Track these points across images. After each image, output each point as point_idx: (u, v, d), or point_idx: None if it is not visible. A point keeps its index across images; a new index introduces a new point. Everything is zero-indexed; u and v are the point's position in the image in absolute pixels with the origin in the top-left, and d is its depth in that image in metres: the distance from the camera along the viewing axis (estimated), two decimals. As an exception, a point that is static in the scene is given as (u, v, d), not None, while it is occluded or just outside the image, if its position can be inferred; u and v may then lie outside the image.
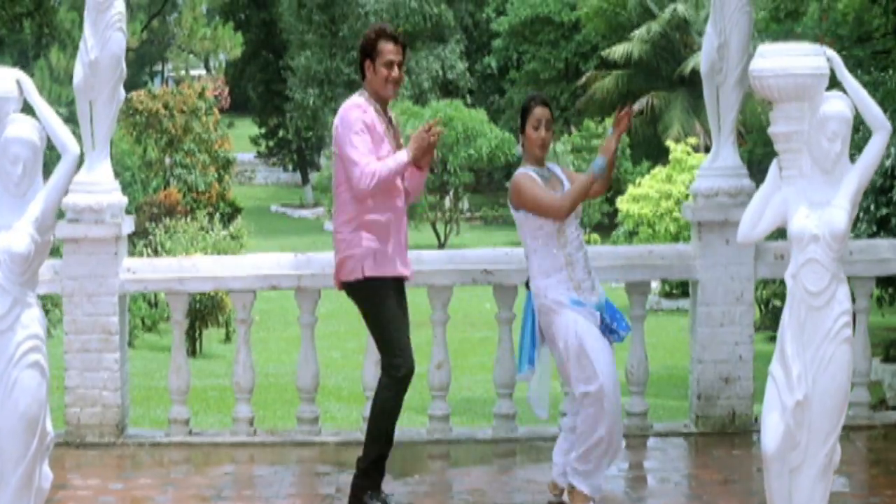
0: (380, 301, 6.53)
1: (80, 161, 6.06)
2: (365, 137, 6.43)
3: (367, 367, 7.93)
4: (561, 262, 6.53)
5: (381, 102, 6.63)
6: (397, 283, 6.62)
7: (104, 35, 7.84)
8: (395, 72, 6.59)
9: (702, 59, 8.00)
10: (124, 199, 8.08)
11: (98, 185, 7.95)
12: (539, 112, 6.62)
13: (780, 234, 5.81)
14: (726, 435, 8.01)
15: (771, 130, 5.39)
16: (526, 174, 6.61)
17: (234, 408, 8.17)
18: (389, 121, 6.67)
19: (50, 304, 13.72)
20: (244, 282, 7.94)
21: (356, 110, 6.50)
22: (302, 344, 8.06)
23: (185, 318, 8.08)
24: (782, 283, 5.65)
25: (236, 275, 7.93)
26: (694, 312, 8.12)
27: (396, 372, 6.48)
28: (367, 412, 7.78)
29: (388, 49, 6.58)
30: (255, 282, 7.94)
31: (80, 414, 7.97)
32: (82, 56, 7.88)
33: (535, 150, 6.65)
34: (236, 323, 8.18)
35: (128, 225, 8.04)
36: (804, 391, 5.17)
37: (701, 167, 8.15)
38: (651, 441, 8.06)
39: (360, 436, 7.92)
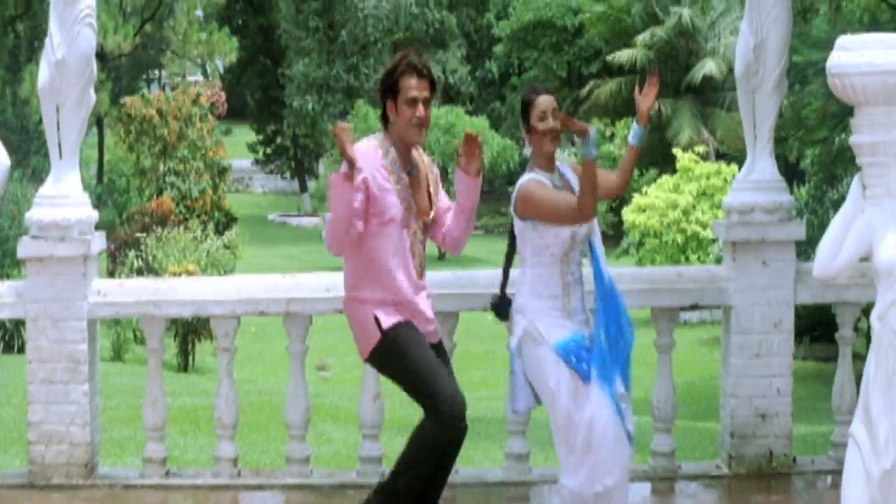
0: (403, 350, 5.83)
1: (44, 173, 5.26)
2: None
3: (364, 401, 7.14)
4: (557, 289, 5.79)
5: (406, 147, 5.82)
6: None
7: (72, 31, 7.04)
8: (421, 111, 5.75)
9: (736, 61, 7.20)
10: (94, 214, 7.27)
11: (65, 199, 7.15)
12: (544, 101, 5.82)
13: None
14: (763, 477, 7.19)
15: (853, 140, 4.54)
16: (535, 180, 5.81)
17: (217, 445, 7.35)
18: (410, 170, 5.84)
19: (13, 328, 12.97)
20: (226, 306, 7.12)
21: (362, 151, 5.73)
22: (291, 376, 7.23)
23: (162, 345, 7.26)
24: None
25: (218, 298, 7.12)
26: (727, 342, 7.32)
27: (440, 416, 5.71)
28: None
29: (410, 85, 5.74)
30: (238, 306, 7.12)
31: (45, 452, 7.15)
32: (48, 55, 7.09)
33: (546, 144, 5.82)
34: (217, 352, 7.35)
35: (98, 242, 7.24)
36: (893, 458, 4.34)
37: (735, 180, 7.33)
38: (680, 485, 7.25)
39: (357, 478, 7.18)
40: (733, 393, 7.21)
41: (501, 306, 6.13)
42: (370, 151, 5.74)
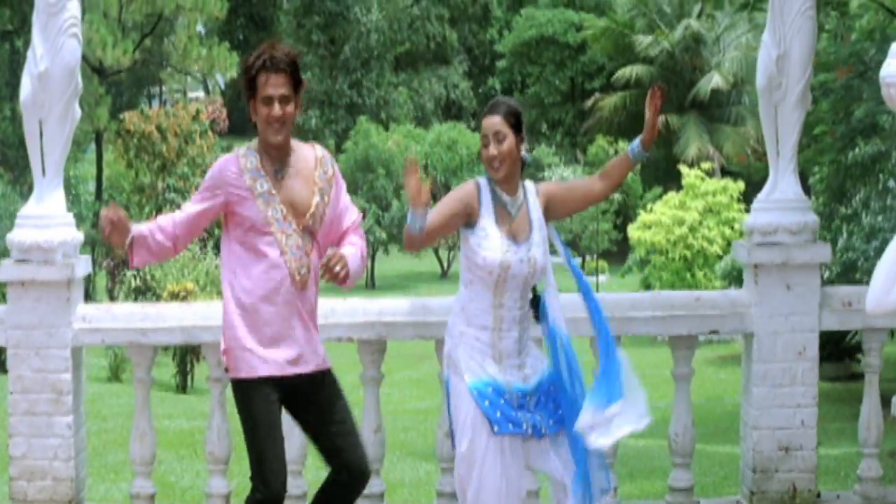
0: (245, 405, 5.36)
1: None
2: (201, 195, 5.38)
3: (365, 435, 6.73)
4: (487, 322, 5.28)
5: (274, 148, 5.36)
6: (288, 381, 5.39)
7: (56, 42, 6.64)
8: (276, 109, 5.28)
9: (758, 73, 6.79)
10: (79, 236, 6.87)
11: (49, 219, 6.74)
12: (486, 125, 5.33)
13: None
14: (786, 514, 6.80)
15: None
16: (468, 184, 5.37)
17: (208, 482, 6.93)
18: (277, 171, 5.37)
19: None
20: (218, 333, 6.61)
21: (221, 163, 5.39)
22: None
23: (150, 375, 6.85)
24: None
25: (209, 325, 6.67)
26: (748, 370, 6.91)
27: (253, 494, 5.28)
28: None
29: (263, 82, 5.28)
30: (231, 334, 6.70)
31: (28, 488, 6.73)
32: (30, 67, 6.70)
33: (490, 171, 5.32)
34: (209, 381, 6.92)
35: (83, 266, 6.83)
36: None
37: (757, 199, 6.91)
38: (699, 523, 6.85)
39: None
40: (755, 425, 6.81)
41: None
42: (225, 163, 5.37)
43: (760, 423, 6.79)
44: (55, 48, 6.64)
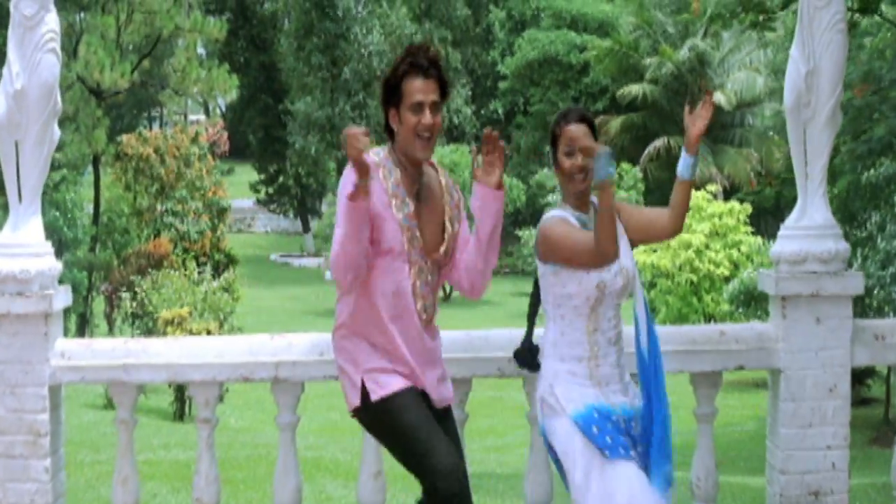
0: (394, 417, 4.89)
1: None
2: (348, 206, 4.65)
3: (363, 480, 6.25)
4: (583, 351, 4.95)
5: (413, 165, 4.86)
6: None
7: (32, 59, 6.19)
8: (428, 117, 4.77)
9: (785, 90, 6.33)
10: (57, 266, 6.40)
11: (25, 248, 6.27)
12: (573, 131, 4.94)
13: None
14: (816, 564, 6.32)
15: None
16: (558, 217, 4.97)
17: (196, 529, 6.46)
18: (418, 193, 4.86)
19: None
20: (206, 371, 6.23)
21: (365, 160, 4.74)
22: (280, 450, 6.32)
23: (133, 416, 6.38)
24: None
25: (196, 362, 6.22)
26: (774, 410, 6.43)
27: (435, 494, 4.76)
28: None
29: (414, 87, 4.76)
30: (220, 371, 6.23)
31: (2, 536, 6.29)
32: (5, 86, 6.24)
33: (571, 184, 4.98)
34: (197, 422, 6.44)
35: (62, 298, 6.36)
36: None
37: (784, 226, 6.45)
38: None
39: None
40: (783, 469, 6.33)
41: (527, 355, 5.37)
42: (377, 162, 4.83)
43: (788, 466, 6.32)
44: (32, 65, 6.20)
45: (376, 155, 4.82)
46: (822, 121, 6.29)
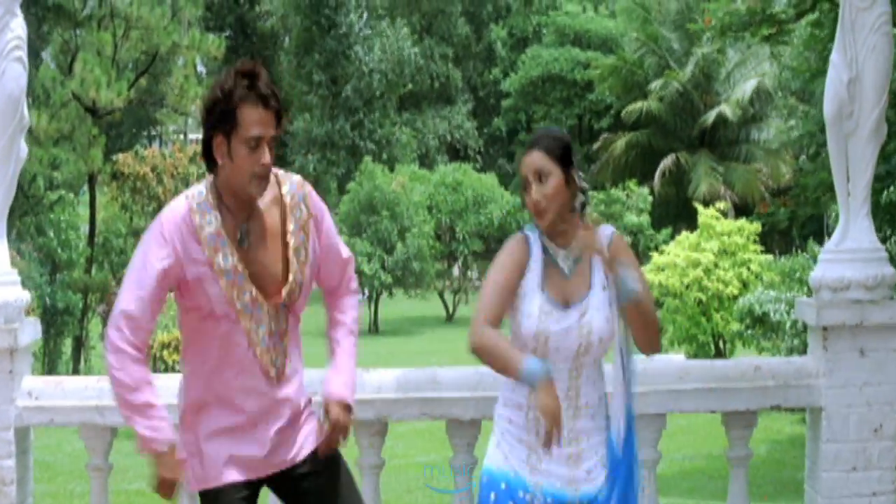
0: None
1: None
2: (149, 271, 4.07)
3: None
4: (523, 398, 4.10)
5: (240, 202, 4.15)
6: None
7: (-4, 68, 5.65)
8: (266, 157, 4.09)
9: (825, 100, 5.74)
10: (24, 296, 5.81)
11: (-12, 277, 5.71)
12: (524, 164, 4.13)
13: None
14: None
15: None
16: (516, 240, 4.18)
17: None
18: (243, 237, 4.13)
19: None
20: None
21: (171, 217, 4.12)
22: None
23: (108, 462, 5.79)
24: None
25: (175, 402, 5.65)
26: (815, 451, 5.83)
27: None
28: None
29: (253, 119, 4.04)
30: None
31: None
32: (-33, 98, 5.68)
33: (537, 218, 4.13)
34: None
35: (29, 332, 5.77)
36: None
37: (824, 250, 5.84)
38: None
39: None
40: (825, 516, 5.74)
41: None
42: (179, 222, 4.09)
43: (831, 514, 5.73)
44: (-5, 75, 5.64)
45: (192, 198, 4.14)
46: (865, 133, 5.70)
